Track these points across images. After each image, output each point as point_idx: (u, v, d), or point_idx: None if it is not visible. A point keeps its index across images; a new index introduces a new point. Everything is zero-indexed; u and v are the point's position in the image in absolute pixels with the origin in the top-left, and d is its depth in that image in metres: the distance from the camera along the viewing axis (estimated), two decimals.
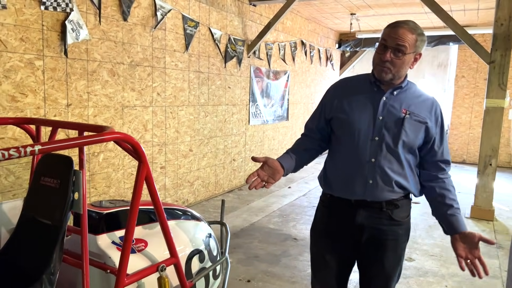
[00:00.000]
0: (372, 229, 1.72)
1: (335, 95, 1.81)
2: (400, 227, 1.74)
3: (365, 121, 1.69)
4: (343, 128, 1.74)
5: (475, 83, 8.52)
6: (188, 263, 2.09)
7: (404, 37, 1.59)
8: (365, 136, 1.68)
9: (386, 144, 1.66)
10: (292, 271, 3.34)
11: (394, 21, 1.65)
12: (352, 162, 1.71)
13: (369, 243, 1.75)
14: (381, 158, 1.67)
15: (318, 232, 1.89)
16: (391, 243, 1.73)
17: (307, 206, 5.25)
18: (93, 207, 1.88)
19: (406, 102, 1.69)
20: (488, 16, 6.98)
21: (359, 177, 1.69)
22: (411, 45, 1.60)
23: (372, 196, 1.69)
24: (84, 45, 3.49)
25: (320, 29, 8.56)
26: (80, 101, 3.51)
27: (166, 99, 4.48)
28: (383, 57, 1.62)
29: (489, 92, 4.64)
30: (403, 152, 1.67)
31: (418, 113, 1.68)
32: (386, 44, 1.62)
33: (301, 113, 8.10)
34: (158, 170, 4.49)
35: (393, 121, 1.66)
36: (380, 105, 1.69)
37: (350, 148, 1.71)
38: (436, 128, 1.71)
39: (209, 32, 5.07)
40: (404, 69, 1.65)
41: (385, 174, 1.67)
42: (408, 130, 1.66)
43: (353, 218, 1.73)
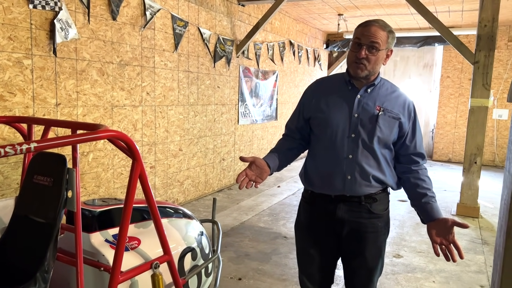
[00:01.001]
0: (352, 223, 1.79)
1: (313, 95, 1.89)
2: (379, 220, 1.81)
3: (341, 119, 1.75)
4: (321, 127, 1.81)
5: (460, 83, 8.68)
6: (181, 261, 2.10)
7: (376, 35, 1.67)
8: (342, 134, 1.75)
9: (362, 141, 1.73)
10: (282, 269, 3.37)
11: (365, 21, 1.73)
12: (331, 159, 1.77)
13: (350, 236, 1.81)
14: (358, 154, 1.73)
15: (301, 228, 1.94)
16: (371, 235, 1.79)
17: (296, 205, 5.28)
18: (86, 205, 1.88)
19: (379, 99, 1.76)
20: (472, 17, 7.13)
21: (338, 173, 1.76)
22: (384, 41, 1.68)
23: (351, 191, 1.76)
24: (73, 44, 3.47)
25: (308, 29, 8.62)
26: (69, 101, 3.49)
27: (156, 99, 4.47)
28: (359, 54, 1.68)
29: (474, 91, 4.74)
30: (379, 148, 1.74)
31: (391, 109, 1.75)
32: (360, 42, 1.68)
33: (290, 113, 8.11)
34: (148, 170, 4.47)
35: (368, 118, 1.73)
36: (355, 103, 1.75)
37: (328, 145, 1.78)
38: (409, 123, 1.78)
39: (198, 32, 5.08)
40: (378, 65, 1.73)
41: (362, 169, 1.74)
42: (383, 126, 1.73)
43: (333, 213, 1.79)
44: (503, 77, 8.15)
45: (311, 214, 1.89)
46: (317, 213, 1.86)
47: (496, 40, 4.64)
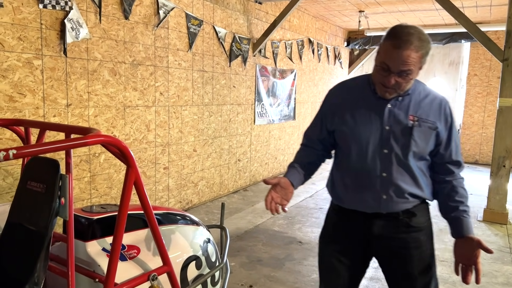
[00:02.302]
0: (392, 239, 1.61)
1: (335, 104, 1.69)
2: (421, 233, 1.63)
3: (371, 133, 1.56)
4: (348, 142, 1.61)
5: (488, 81, 8.31)
6: (183, 271, 2.00)
7: (409, 61, 1.42)
8: (374, 149, 1.56)
9: (396, 156, 1.55)
10: (295, 276, 3.24)
11: (397, 37, 1.43)
12: (362, 177, 1.60)
13: (391, 255, 1.63)
14: (392, 172, 1.55)
15: (327, 241, 1.77)
16: (415, 252, 1.61)
17: (313, 208, 5.14)
18: (83, 212, 1.80)
19: (412, 107, 1.56)
20: (501, 12, 6.78)
21: (372, 192, 1.59)
22: (417, 63, 1.45)
23: (388, 209, 1.59)
24: (84, 44, 3.43)
25: (328, 27, 8.42)
26: (80, 101, 3.45)
27: (169, 99, 4.41)
28: (387, 82, 1.47)
29: (503, 90, 4.48)
30: (415, 162, 1.56)
31: (427, 117, 1.55)
32: (389, 68, 1.45)
33: (309, 113, 7.98)
34: (161, 171, 4.42)
35: (401, 130, 1.54)
36: (385, 114, 1.55)
37: (358, 162, 1.59)
38: (445, 130, 1.59)
39: (214, 31, 4.99)
40: (410, 84, 1.53)
41: (398, 188, 1.56)
42: (418, 139, 1.54)
43: (368, 228, 1.62)
44: None
45: (341, 227, 1.71)
46: (348, 226, 1.68)
47: None
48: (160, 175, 4.42)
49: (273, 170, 6.88)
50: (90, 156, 3.59)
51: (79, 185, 3.53)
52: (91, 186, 3.64)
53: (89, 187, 3.62)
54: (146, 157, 4.20)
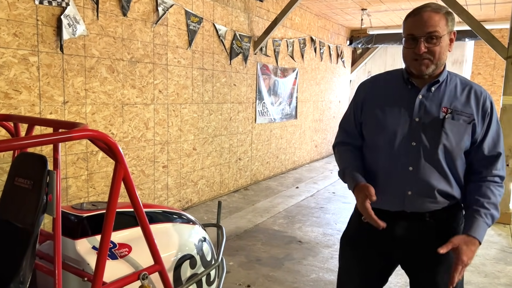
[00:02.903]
0: (417, 244, 1.52)
1: (365, 95, 1.63)
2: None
3: (400, 124, 1.49)
4: (375, 133, 1.56)
5: (492, 80, 8.22)
6: (177, 270, 1.96)
7: (432, 22, 1.39)
8: (401, 142, 1.49)
9: (425, 150, 1.47)
10: (294, 276, 3.19)
11: (413, 9, 1.46)
12: (387, 171, 1.53)
13: (416, 261, 1.54)
14: (420, 166, 1.47)
15: (348, 243, 1.70)
16: (443, 258, 1.48)
17: (314, 208, 5.09)
18: (73, 209, 1.77)
19: (446, 99, 1.47)
20: (506, 10, 6.70)
21: (396, 188, 1.51)
22: (443, 26, 1.40)
23: (412, 208, 1.50)
24: (82, 41, 3.39)
25: (330, 25, 8.36)
26: (77, 98, 3.42)
27: (168, 97, 4.37)
28: (418, 50, 1.41)
29: (506, 89, 4.41)
30: (445, 158, 1.46)
31: (462, 109, 1.46)
32: (414, 36, 1.41)
33: (310, 112, 7.92)
34: (160, 169, 4.38)
35: (431, 122, 1.46)
36: (416, 105, 1.48)
37: (384, 155, 1.53)
38: (483, 125, 1.48)
39: (214, 28, 4.95)
40: (445, 54, 1.45)
41: (425, 184, 1.47)
42: (450, 132, 1.44)
43: (392, 230, 1.52)
44: None
45: (363, 229, 1.59)
46: (371, 228, 1.56)
47: None
48: (159, 174, 4.38)
49: (274, 169, 6.83)
50: (87, 154, 3.56)
51: (76, 183, 3.50)
52: (88, 184, 3.61)
53: (86, 185, 3.59)
54: (144, 155, 4.16)
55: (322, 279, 3.17)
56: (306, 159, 7.99)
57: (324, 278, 3.18)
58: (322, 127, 8.57)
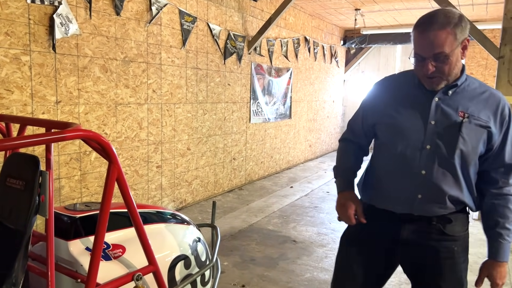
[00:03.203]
0: (421, 246, 1.51)
1: (379, 96, 1.61)
2: (455, 243, 1.50)
3: (414, 126, 1.46)
4: (389, 135, 1.53)
5: (484, 80, 8.28)
6: (171, 270, 1.95)
7: (438, 42, 1.33)
8: (415, 145, 1.46)
9: (440, 154, 1.43)
10: (289, 276, 3.20)
11: (420, 22, 1.39)
12: (399, 174, 1.50)
13: (419, 263, 1.53)
14: (433, 171, 1.44)
15: (349, 242, 1.68)
16: (447, 262, 1.49)
17: (308, 207, 5.10)
18: (66, 210, 1.75)
19: (463, 103, 1.43)
20: (497, 10, 6.76)
21: (407, 191, 1.49)
22: (451, 43, 1.33)
23: (421, 211, 1.49)
24: (74, 40, 3.37)
25: (324, 25, 8.38)
26: (70, 98, 3.39)
27: (162, 96, 4.35)
28: (425, 70, 1.38)
29: (498, 88, 4.44)
30: (460, 163, 1.43)
31: (479, 115, 1.41)
32: (422, 56, 1.38)
33: (305, 111, 7.94)
34: (154, 170, 4.36)
35: (448, 126, 1.42)
36: (432, 108, 1.44)
37: (396, 157, 1.50)
38: (500, 133, 1.44)
39: (208, 28, 4.93)
40: (457, 67, 1.40)
41: (437, 189, 1.45)
42: (467, 137, 1.41)
43: (397, 232, 1.53)
44: None
45: (367, 228, 1.59)
46: (375, 229, 1.58)
47: None
48: (153, 174, 4.36)
49: (269, 169, 6.83)
50: (80, 154, 3.53)
51: (69, 183, 3.47)
52: (81, 184, 3.58)
53: (79, 185, 3.56)
54: (138, 155, 4.14)
55: (316, 278, 3.17)
56: (300, 158, 8.00)
57: (318, 277, 3.19)
58: (316, 127, 8.58)
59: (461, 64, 1.43)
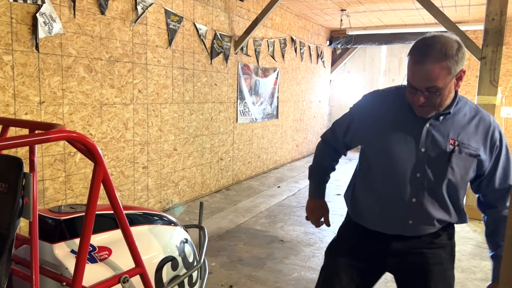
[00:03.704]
0: (411, 255, 1.54)
1: (369, 115, 1.56)
2: (443, 250, 1.54)
3: (405, 154, 1.44)
4: (380, 160, 1.52)
5: (466, 80, 8.44)
6: (158, 272, 1.94)
7: (432, 76, 1.31)
8: (406, 173, 1.45)
9: (429, 183, 1.44)
10: (276, 275, 3.20)
11: (416, 50, 1.35)
12: (390, 200, 1.51)
13: (409, 270, 1.56)
14: (423, 199, 1.45)
15: (337, 253, 1.67)
16: (436, 268, 1.51)
17: (296, 206, 5.12)
18: (50, 212, 1.72)
19: (454, 129, 1.42)
20: (479, 12, 6.89)
21: (398, 217, 1.51)
22: (444, 77, 1.31)
23: (411, 233, 1.52)
24: (58, 40, 3.31)
25: (310, 25, 8.42)
26: (54, 98, 3.34)
27: (148, 97, 4.32)
28: (416, 101, 1.36)
29: (480, 89, 4.53)
30: (447, 191, 1.45)
31: (469, 143, 1.41)
32: (414, 87, 1.36)
33: (291, 111, 7.97)
34: (140, 170, 4.32)
35: (438, 154, 1.41)
36: (422, 134, 1.43)
37: (387, 183, 1.50)
38: (491, 159, 1.45)
39: (194, 27, 4.91)
40: (449, 98, 1.39)
41: (427, 215, 1.48)
42: (456, 167, 1.41)
43: (388, 246, 1.56)
44: None
45: (356, 243, 1.62)
46: (365, 242, 1.60)
47: (504, 35, 4.42)
48: (139, 175, 4.33)
49: (256, 169, 6.84)
50: (65, 155, 3.48)
51: (54, 185, 3.42)
52: (66, 186, 3.53)
53: (64, 187, 3.51)
54: (124, 156, 4.10)
55: (303, 277, 3.19)
56: (287, 158, 8.03)
57: (305, 276, 3.20)
58: (303, 127, 8.62)
59: (453, 93, 1.42)
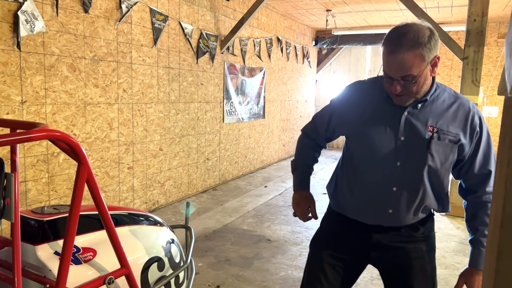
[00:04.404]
0: (392, 249, 1.55)
1: (349, 106, 1.58)
2: (423, 243, 1.55)
3: (385, 143, 1.46)
4: (361, 150, 1.53)
5: (449, 80, 8.59)
6: (144, 273, 1.92)
7: (406, 65, 1.32)
8: (386, 162, 1.46)
9: (409, 171, 1.45)
10: (264, 275, 3.21)
11: (388, 41, 1.37)
12: (371, 189, 1.52)
13: (390, 266, 1.57)
14: (404, 187, 1.46)
15: (321, 243, 1.69)
16: (417, 262, 1.53)
17: (282, 206, 5.13)
18: (33, 214, 1.68)
19: (433, 116, 1.43)
20: (461, 13, 7.02)
21: (378, 206, 1.51)
22: (419, 65, 1.33)
23: (390, 223, 1.52)
24: (40, 38, 3.25)
25: (296, 25, 8.45)
26: (36, 98, 3.28)
27: (133, 96, 4.27)
28: (393, 90, 1.38)
29: (463, 88, 4.62)
30: (428, 178, 1.46)
31: (448, 129, 1.42)
32: (390, 76, 1.38)
33: (278, 111, 7.98)
34: (125, 171, 4.27)
35: (417, 143, 1.43)
36: (401, 123, 1.44)
37: (369, 172, 1.51)
38: (471, 144, 1.45)
39: (180, 27, 4.88)
40: (425, 84, 1.40)
41: (407, 203, 1.48)
42: (435, 153, 1.42)
43: (368, 237, 1.57)
44: (492, 74, 8.06)
45: (338, 234, 1.64)
46: (347, 235, 1.62)
47: (485, 36, 4.51)
48: (124, 175, 4.28)
49: (243, 169, 6.83)
50: (48, 156, 3.41)
51: (36, 186, 3.35)
52: (49, 187, 3.46)
53: (47, 188, 3.45)
54: (109, 156, 4.04)
55: (291, 276, 3.19)
56: (274, 158, 8.04)
57: (293, 275, 3.21)
58: (290, 127, 8.65)
59: (430, 80, 1.43)
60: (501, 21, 7.93)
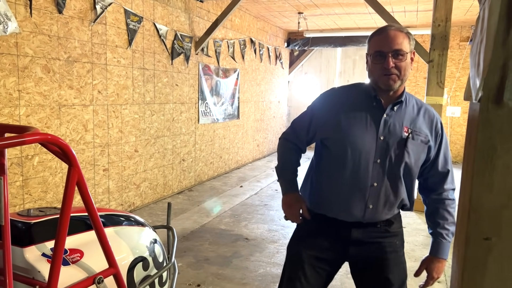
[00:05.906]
0: (370, 244, 1.65)
1: (329, 109, 1.66)
2: (396, 238, 1.69)
3: (366, 141, 1.56)
4: (341, 149, 1.60)
5: (415, 81, 8.94)
6: (130, 272, 1.95)
7: (398, 40, 1.50)
8: (367, 159, 1.56)
9: (388, 167, 1.57)
10: (243, 272, 3.28)
11: (379, 28, 1.56)
12: (351, 186, 1.60)
13: (368, 260, 1.67)
14: (383, 183, 1.58)
15: (301, 243, 1.74)
16: (392, 256, 1.66)
17: (258, 205, 5.22)
18: (19, 216, 1.69)
19: (407, 119, 1.58)
20: (426, 17, 7.34)
21: (359, 201, 1.60)
22: (406, 44, 1.51)
23: (370, 219, 1.63)
24: (13, 39, 3.19)
25: (269, 27, 8.57)
26: (9, 100, 3.21)
27: (108, 97, 4.24)
28: (386, 64, 1.50)
29: (429, 90, 4.85)
30: (403, 174, 1.60)
31: (420, 131, 1.58)
32: (382, 52, 1.51)
33: (252, 112, 8.07)
34: (100, 173, 4.24)
35: (395, 142, 1.56)
36: (381, 124, 1.57)
37: (349, 171, 1.59)
38: (435, 146, 1.63)
39: (154, 28, 4.88)
40: (408, 71, 1.55)
41: (387, 198, 1.60)
42: (411, 152, 1.57)
43: (347, 234, 1.66)
44: (455, 76, 8.47)
45: (317, 233, 1.70)
46: (326, 234, 1.69)
47: (449, 40, 4.77)
48: (100, 177, 4.24)
49: (218, 169, 6.88)
50: (22, 158, 3.35)
51: (10, 189, 3.29)
52: (23, 190, 3.40)
53: (21, 191, 3.38)
54: (84, 158, 4.00)
55: (269, 273, 3.29)
56: (249, 158, 8.13)
57: (271, 272, 3.30)
58: (264, 127, 8.76)
59: (409, 74, 1.59)
60: (463, 25, 8.35)
